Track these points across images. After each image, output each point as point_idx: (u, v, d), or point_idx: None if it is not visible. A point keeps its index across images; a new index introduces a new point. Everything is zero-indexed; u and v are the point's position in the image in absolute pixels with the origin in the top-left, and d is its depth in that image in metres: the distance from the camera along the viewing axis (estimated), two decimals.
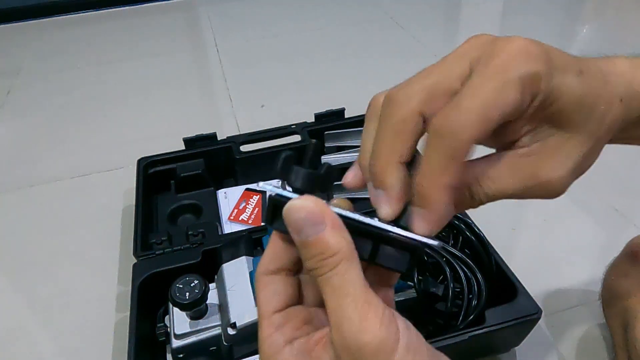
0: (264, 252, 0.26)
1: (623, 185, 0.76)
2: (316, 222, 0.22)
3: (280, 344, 0.24)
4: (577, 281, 0.61)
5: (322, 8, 1.42)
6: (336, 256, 0.21)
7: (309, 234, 0.22)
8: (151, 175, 0.71)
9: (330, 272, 0.21)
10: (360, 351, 0.20)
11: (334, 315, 0.21)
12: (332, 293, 0.21)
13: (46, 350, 0.58)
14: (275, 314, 0.25)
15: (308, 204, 0.22)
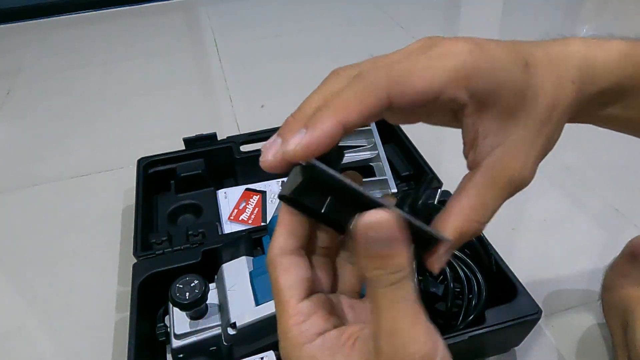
0: (276, 231, 0.25)
1: (623, 185, 0.76)
2: (394, 238, 0.21)
3: (312, 334, 0.23)
4: (577, 281, 0.61)
5: (322, 8, 1.42)
6: (401, 272, 0.21)
7: (382, 248, 0.21)
8: (151, 175, 0.71)
9: (391, 286, 0.21)
10: None
11: (387, 325, 0.21)
12: (388, 305, 0.21)
13: (46, 350, 0.58)
14: (303, 302, 0.24)
15: (391, 218, 0.21)
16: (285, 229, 0.25)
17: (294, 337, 0.23)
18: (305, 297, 0.24)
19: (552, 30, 1.22)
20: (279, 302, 0.24)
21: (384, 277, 0.21)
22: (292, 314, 0.23)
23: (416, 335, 0.21)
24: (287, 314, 0.23)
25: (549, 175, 0.78)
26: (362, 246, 0.21)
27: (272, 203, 0.70)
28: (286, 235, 0.25)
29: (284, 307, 0.24)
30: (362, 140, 0.72)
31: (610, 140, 0.84)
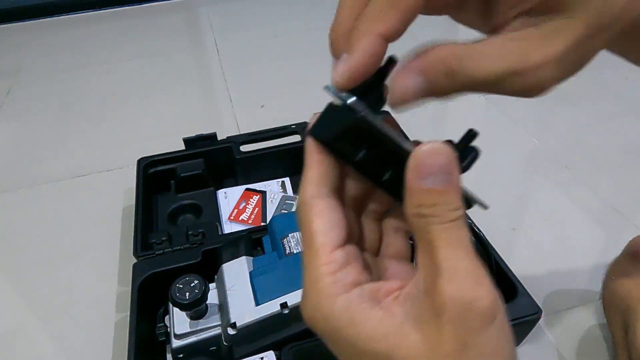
0: (307, 173, 0.22)
1: (623, 185, 0.76)
2: (450, 171, 0.20)
3: (347, 284, 0.21)
4: (577, 281, 0.61)
5: (322, 8, 1.42)
6: (459, 210, 0.20)
7: (437, 182, 0.20)
8: (151, 175, 0.71)
9: (450, 223, 0.20)
10: (472, 304, 0.19)
11: (449, 264, 0.19)
12: (448, 244, 0.20)
13: (46, 350, 0.58)
14: (337, 250, 0.22)
15: (447, 149, 0.20)
16: (317, 171, 0.23)
17: (325, 286, 0.21)
18: (339, 246, 0.22)
19: None
20: (310, 248, 0.22)
21: (444, 214, 0.20)
22: (325, 262, 0.21)
23: (482, 280, 0.19)
24: (319, 261, 0.21)
25: (549, 175, 0.78)
26: (417, 180, 0.20)
27: (272, 203, 0.70)
28: (319, 177, 0.23)
29: (315, 254, 0.21)
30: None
31: (611, 140, 0.85)
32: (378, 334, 0.20)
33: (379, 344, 0.20)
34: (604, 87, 0.99)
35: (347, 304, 0.21)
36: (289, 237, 0.52)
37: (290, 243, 0.51)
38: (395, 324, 0.20)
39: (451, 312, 0.19)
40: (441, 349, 0.19)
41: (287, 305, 0.45)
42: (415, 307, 0.20)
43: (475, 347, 0.19)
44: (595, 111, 0.92)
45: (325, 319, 0.21)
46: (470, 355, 0.19)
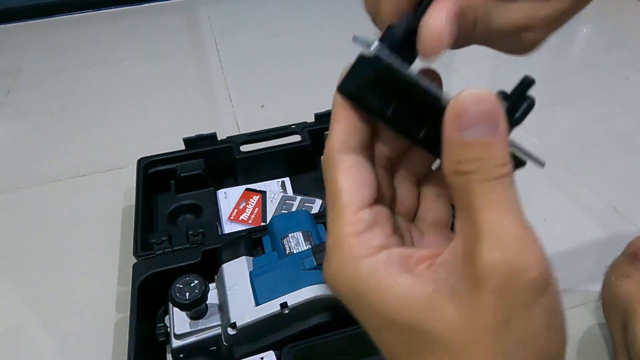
0: (334, 127, 0.21)
1: (623, 185, 0.76)
2: (496, 120, 0.17)
3: (374, 246, 0.19)
4: (577, 281, 0.61)
5: (322, 8, 1.42)
6: (506, 167, 0.18)
7: (481, 133, 0.17)
8: (151, 175, 0.71)
9: (495, 181, 0.17)
10: (519, 274, 0.17)
11: (492, 228, 0.17)
12: (492, 204, 0.17)
13: (46, 350, 0.58)
14: (364, 210, 0.20)
15: (492, 95, 0.17)
16: (345, 124, 0.21)
17: (352, 248, 0.19)
18: (367, 206, 0.20)
19: None
20: (334, 207, 0.20)
21: (488, 170, 0.17)
22: (350, 222, 0.19)
23: (531, 246, 0.17)
24: (344, 221, 0.20)
25: (549, 175, 0.78)
26: (457, 131, 0.17)
27: (272, 203, 0.70)
28: (347, 131, 0.21)
29: (340, 213, 0.20)
30: None
31: (611, 140, 0.85)
32: (407, 303, 0.18)
33: (407, 313, 0.18)
34: (604, 87, 0.99)
35: (373, 268, 0.19)
36: (289, 237, 0.52)
37: (290, 243, 0.51)
38: (427, 293, 0.18)
39: (493, 281, 0.17)
40: (479, 324, 0.17)
41: (287, 305, 0.45)
42: (451, 276, 0.18)
43: (520, 323, 0.17)
44: (595, 111, 0.92)
45: (349, 283, 0.19)
46: (512, 333, 0.17)
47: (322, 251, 0.47)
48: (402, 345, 0.19)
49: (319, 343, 0.46)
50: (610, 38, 1.19)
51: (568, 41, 1.19)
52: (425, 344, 0.18)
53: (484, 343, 0.17)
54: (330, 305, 0.47)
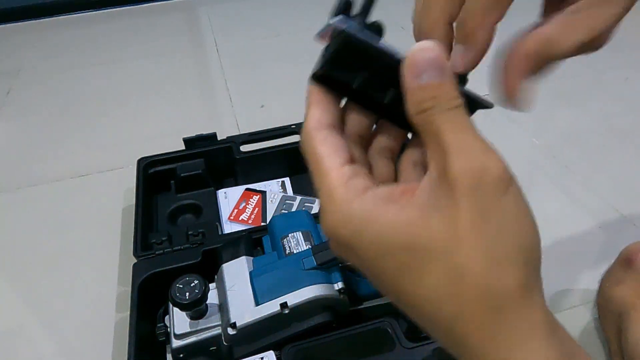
0: (309, 109, 0.24)
1: (623, 185, 0.76)
2: (441, 65, 0.21)
3: (360, 189, 0.22)
4: (577, 281, 0.61)
5: (322, 8, 1.41)
6: (458, 100, 0.21)
7: (432, 77, 0.21)
8: (151, 175, 0.71)
9: (451, 110, 0.21)
10: (483, 173, 0.20)
11: (455, 144, 0.20)
12: (453, 127, 0.21)
13: (46, 350, 0.58)
14: (345, 166, 0.23)
15: (437, 46, 0.21)
16: (318, 106, 0.24)
17: (341, 195, 0.22)
18: (346, 164, 0.23)
19: None
20: (320, 170, 0.23)
21: (444, 103, 0.21)
22: (336, 176, 0.23)
23: (490, 152, 0.20)
24: (330, 177, 0.23)
25: (549, 175, 0.78)
26: (413, 79, 0.21)
27: (272, 203, 0.70)
28: (320, 111, 0.24)
29: (325, 174, 0.23)
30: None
31: (611, 140, 0.85)
32: (398, 226, 0.21)
33: (400, 235, 0.21)
34: (604, 87, 0.99)
35: (364, 205, 0.22)
36: (289, 237, 0.52)
37: (290, 243, 0.51)
38: (413, 214, 0.21)
39: (463, 184, 0.20)
40: (461, 225, 0.20)
41: (287, 305, 0.45)
42: (431, 196, 0.21)
43: (494, 216, 0.20)
44: (595, 111, 0.92)
45: (345, 224, 0.22)
46: (490, 225, 0.20)
47: (322, 251, 0.47)
48: (402, 268, 0.21)
49: (319, 343, 0.46)
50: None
51: None
52: (422, 258, 0.20)
53: (469, 241, 0.20)
54: (330, 305, 0.47)
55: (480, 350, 0.20)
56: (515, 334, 0.20)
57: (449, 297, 0.20)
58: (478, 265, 0.20)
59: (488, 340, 0.20)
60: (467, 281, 0.20)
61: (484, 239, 0.20)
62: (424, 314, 0.21)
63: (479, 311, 0.20)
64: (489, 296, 0.20)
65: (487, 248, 0.20)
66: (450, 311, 0.20)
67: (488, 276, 0.20)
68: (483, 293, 0.20)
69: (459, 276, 0.20)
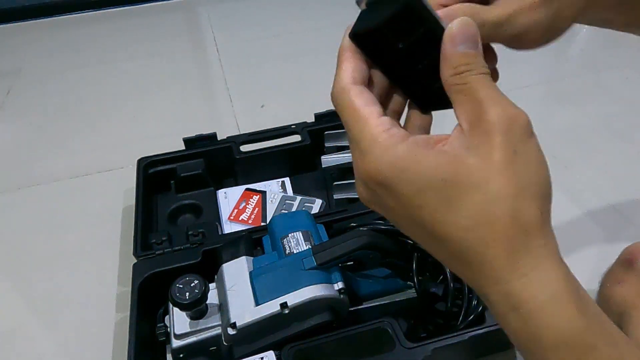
0: (341, 66, 0.27)
1: (623, 185, 0.76)
2: (477, 41, 0.25)
3: (402, 136, 0.25)
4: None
5: (322, 8, 1.42)
6: (487, 68, 0.25)
7: (469, 47, 0.25)
8: (151, 175, 0.71)
9: (483, 75, 0.25)
10: (516, 118, 0.24)
11: (490, 96, 0.24)
12: (486, 85, 0.25)
13: (46, 350, 0.58)
14: (383, 116, 0.26)
15: (474, 23, 0.25)
16: (351, 63, 0.27)
17: (385, 140, 0.25)
18: (382, 115, 0.26)
19: None
20: (359, 120, 0.25)
21: (477, 68, 0.25)
22: (377, 124, 0.25)
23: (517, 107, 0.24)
24: (372, 125, 0.25)
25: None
26: (453, 47, 0.25)
27: (272, 203, 0.70)
28: (353, 68, 0.27)
29: (365, 122, 0.25)
30: None
31: (611, 140, 0.85)
32: (438, 165, 0.24)
33: (440, 173, 0.24)
34: (604, 87, 0.99)
35: (408, 148, 0.24)
36: (289, 237, 0.52)
37: (290, 243, 0.51)
38: (452, 154, 0.24)
39: (499, 125, 0.23)
40: (494, 160, 0.23)
41: (287, 305, 0.45)
42: (466, 140, 0.24)
43: (523, 153, 0.24)
44: (595, 111, 0.92)
45: (390, 165, 0.25)
46: (519, 162, 0.23)
47: (322, 251, 0.47)
48: (442, 200, 0.24)
49: (319, 343, 0.46)
50: (610, 38, 1.19)
51: (568, 41, 1.19)
52: (461, 189, 0.23)
53: (502, 172, 0.23)
54: (330, 305, 0.47)
55: (506, 270, 0.23)
56: (536, 254, 0.24)
57: (484, 222, 0.23)
58: (510, 194, 0.23)
59: (514, 259, 0.23)
60: (500, 207, 0.23)
61: (515, 172, 0.23)
62: (456, 242, 0.24)
63: (510, 232, 0.23)
64: (518, 220, 0.23)
65: (517, 179, 0.23)
66: (484, 235, 0.23)
67: (518, 202, 0.23)
68: (514, 217, 0.23)
69: (494, 202, 0.23)
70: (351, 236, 0.48)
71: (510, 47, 0.31)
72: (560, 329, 0.23)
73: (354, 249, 0.47)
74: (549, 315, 0.23)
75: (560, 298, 0.24)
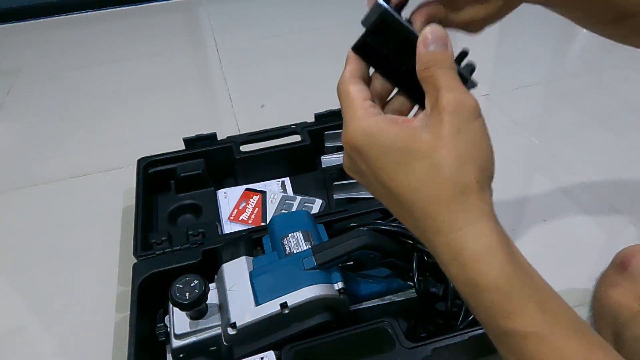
0: (345, 67, 0.34)
1: (623, 185, 0.76)
2: (445, 42, 0.31)
3: (376, 113, 0.31)
4: (577, 281, 0.61)
5: (322, 8, 1.42)
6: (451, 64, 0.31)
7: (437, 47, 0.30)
8: (151, 175, 0.71)
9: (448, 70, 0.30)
10: (464, 102, 0.29)
11: (448, 85, 0.30)
12: (447, 77, 0.30)
13: (46, 350, 0.58)
14: (366, 100, 0.32)
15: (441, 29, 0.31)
16: (352, 64, 0.34)
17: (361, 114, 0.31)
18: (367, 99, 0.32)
19: (551, 30, 1.22)
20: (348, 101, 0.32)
21: (443, 64, 0.30)
22: (360, 105, 0.32)
23: (469, 93, 0.30)
24: (356, 105, 0.32)
25: (549, 175, 0.78)
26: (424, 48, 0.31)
27: (272, 203, 0.70)
28: (353, 68, 0.33)
29: (352, 102, 0.32)
30: None
31: (610, 140, 0.85)
32: (399, 135, 0.30)
33: (399, 141, 0.30)
34: (604, 87, 0.99)
35: (377, 120, 0.31)
36: (289, 237, 0.52)
37: (290, 243, 0.51)
38: (410, 129, 0.30)
39: (449, 107, 0.29)
40: (442, 135, 0.29)
41: (287, 305, 0.45)
42: (424, 120, 0.30)
43: (466, 132, 0.29)
44: (595, 111, 0.92)
45: (362, 132, 0.31)
46: (463, 138, 0.29)
47: (322, 251, 0.47)
48: (398, 162, 0.30)
49: (319, 343, 0.46)
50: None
51: (568, 41, 1.19)
52: (412, 156, 0.29)
53: (447, 145, 0.29)
54: (330, 305, 0.47)
55: (446, 224, 0.29)
56: (472, 212, 0.29)
57: (429, 184, 0.29)
58: (451, 162, 0.28)
59: (453, 215, 0.28)
60: (442, 172, 0.28)
61: (457, 146, 0.28)
62: (407, 199, 0.30)
63: (449, 193, 0.28)
64: (457, 183, 0.28)
65: (458, 152, 0.28)
66: (429, 194, 0.29)
67: (457, 169, 0.28)
68: (453, 181, 0.28)
69: (438, 168, 0.28)
70: (351, 236, 0.48)
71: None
72: (491, 274, 0.28)
73: (354, 249, 0.47)
74: (482, 262, 0.28)
75: (491, 249, 0.28)
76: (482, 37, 0.38)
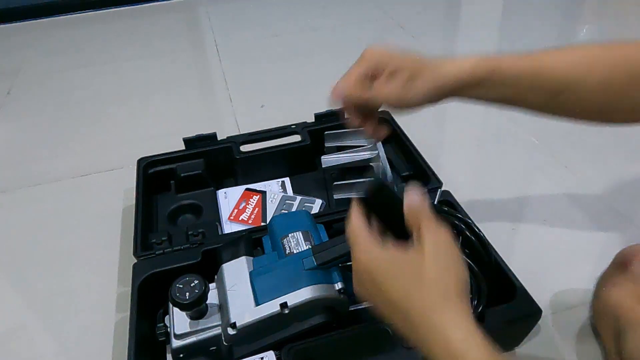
0: (353, 214, 0.41)
1: (623, 185, 0.76)
2: (422, 202, 0.39)
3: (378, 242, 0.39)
4: (577, 281, 0.61)
5: (322, 8, 1.42)
6: (430, 214, 0.39)
7: (418, 209, 0.39)
8: (151, 175, 0.71)
9: (427, 217, 0.38)
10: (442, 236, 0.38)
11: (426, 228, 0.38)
12: (424, 222, 0.38)
13: (46, 350, 0.58)
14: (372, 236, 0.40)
15: (420, 192, 0.40)
16: (356, 212, 0.41)
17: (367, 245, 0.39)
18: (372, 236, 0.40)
19: (551, 30, 1.22)
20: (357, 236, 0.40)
21: (423, 214, 0.39)
22: (366, 238, 0.39)
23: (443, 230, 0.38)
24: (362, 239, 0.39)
25: (549, 175, 0.78)
26: (409, 204, 0.39)
27: (272, 203, 0.70)
28: (358, 215, 0.41)
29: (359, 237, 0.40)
30: (362, 140, 0.72)
31: (611, 140, 0.85)
32: (396, 260, 0.38)
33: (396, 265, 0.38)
34: None
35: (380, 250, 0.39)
36: (289, 237, 0.52)
37: (290, 243, 0.51)
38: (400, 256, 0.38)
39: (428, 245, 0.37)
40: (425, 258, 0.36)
41: (287, 305, 0.45)
42: (414, 251, 0.37)
43: (445, 257, 0.37)
44: None
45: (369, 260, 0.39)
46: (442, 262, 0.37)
47: (322, 251, 0.47)
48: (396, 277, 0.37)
49: (319, 343, 0.46)
50: (610, 38, 1.19)
51: (568, 41, 1.19)
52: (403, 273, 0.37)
53: (429, 264, 0.36)
54: (330, 305, 0.47)
55: (437, 327, 0.34)
56: (456, 315, 0.35)
57: (416, 292, 0.36)
58: (434, 274, 0.36)
59: (440, 317, 0.34)
60: (427, 282, 0.36)
61: (437, 264, 0.36)
62: (401, 306, 0.36)
63: (435, 298, 0.35)
64: (441, 290, 0.36)
65: (438, 267, 0.36)
66: (418, 300, 0.36)
67: (440, 279, 0.36)
68: (437, 288, 0.36)
69: (422, 280, 0.36)
70: None
71: None
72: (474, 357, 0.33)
73: None
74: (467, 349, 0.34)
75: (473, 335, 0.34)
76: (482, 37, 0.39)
